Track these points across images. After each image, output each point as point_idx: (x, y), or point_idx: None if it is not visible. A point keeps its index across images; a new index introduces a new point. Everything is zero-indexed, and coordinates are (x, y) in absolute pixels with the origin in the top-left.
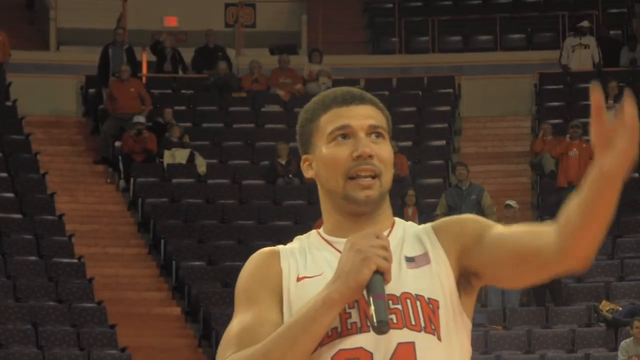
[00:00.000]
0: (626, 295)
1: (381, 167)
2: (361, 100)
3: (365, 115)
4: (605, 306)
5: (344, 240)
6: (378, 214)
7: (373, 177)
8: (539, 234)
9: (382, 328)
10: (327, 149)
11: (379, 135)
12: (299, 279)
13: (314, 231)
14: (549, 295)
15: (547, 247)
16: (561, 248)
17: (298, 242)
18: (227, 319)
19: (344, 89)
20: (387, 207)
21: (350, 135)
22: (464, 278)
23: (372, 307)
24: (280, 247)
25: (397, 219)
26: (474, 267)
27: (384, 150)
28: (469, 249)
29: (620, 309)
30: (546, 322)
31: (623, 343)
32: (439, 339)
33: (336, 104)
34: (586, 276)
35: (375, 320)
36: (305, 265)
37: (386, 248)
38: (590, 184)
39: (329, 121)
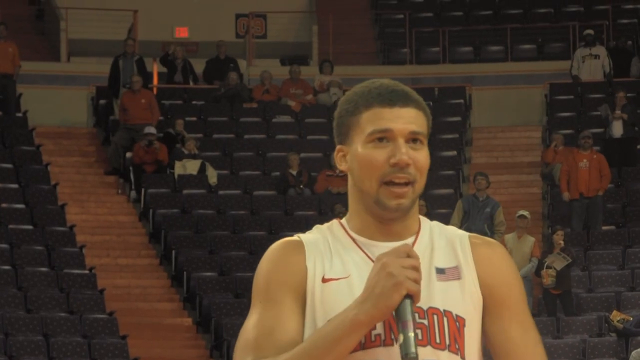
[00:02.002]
0: (637, 305)
1: (417, 174)
2: (405, 102)
3: (408, 120)
4: (616, 316)
5: (373, 243)
6: (407, 217)
7: (407, 184)
8: None
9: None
10: (364, 148)
11: (417, 140)
12: (324, 280)
13: (336, 222)
14: (559, 306)
15: None
16: None
17: (319, 232)
18: (239, 329)
19: (390, 85)
20: (415, 208)
21: (390, 139)
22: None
23: (401, 337)
24: (303, 238)
25: (421, 218)
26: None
27: (422, 156)
28: (491, 304)
29: (631, 319)
30: (557, 332)
31: (634, 353)
32: (463, 358)
33: (379, 103)
34: (597, 286)
35: (403, 352)
36: (332, 265)
37: (417, 268)
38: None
39: (370, 120)
